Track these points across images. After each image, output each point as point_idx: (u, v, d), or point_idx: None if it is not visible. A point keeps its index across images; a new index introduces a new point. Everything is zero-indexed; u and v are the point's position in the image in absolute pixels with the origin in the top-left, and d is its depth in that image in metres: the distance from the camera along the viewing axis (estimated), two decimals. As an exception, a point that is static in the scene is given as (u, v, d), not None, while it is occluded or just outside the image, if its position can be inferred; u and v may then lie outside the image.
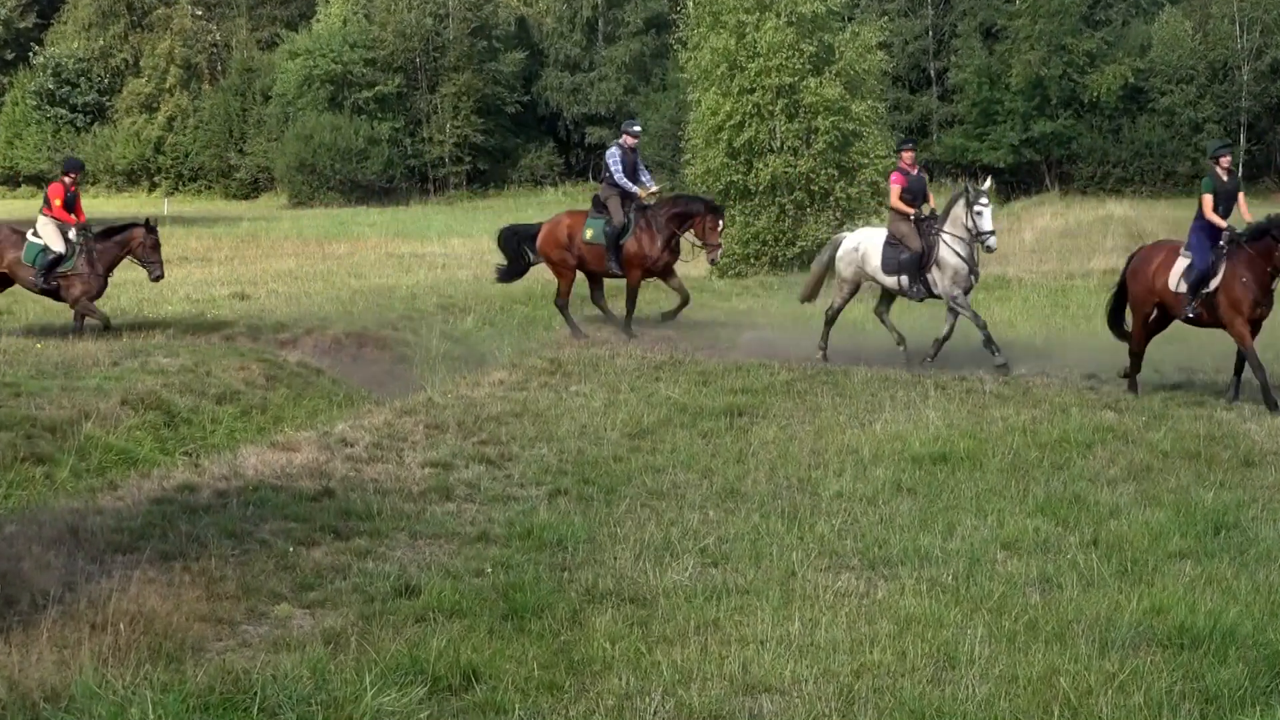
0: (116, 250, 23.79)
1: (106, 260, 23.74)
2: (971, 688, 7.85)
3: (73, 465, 14.67)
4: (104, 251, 23.66)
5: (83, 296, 23.38)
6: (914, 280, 21.12)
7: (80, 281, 23.39)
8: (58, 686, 7.70)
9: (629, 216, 23.63)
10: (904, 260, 21.11)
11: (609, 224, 23.64)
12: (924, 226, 21.19)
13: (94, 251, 23.56)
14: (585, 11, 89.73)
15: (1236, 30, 75.05)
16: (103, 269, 23.67)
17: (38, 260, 23.34)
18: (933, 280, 20.99)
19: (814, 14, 39.37)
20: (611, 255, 23.48)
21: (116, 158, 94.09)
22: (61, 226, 23.52)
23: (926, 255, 20.95)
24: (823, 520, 11.50)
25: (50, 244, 23.37)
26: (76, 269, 23.39)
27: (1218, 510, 11.60)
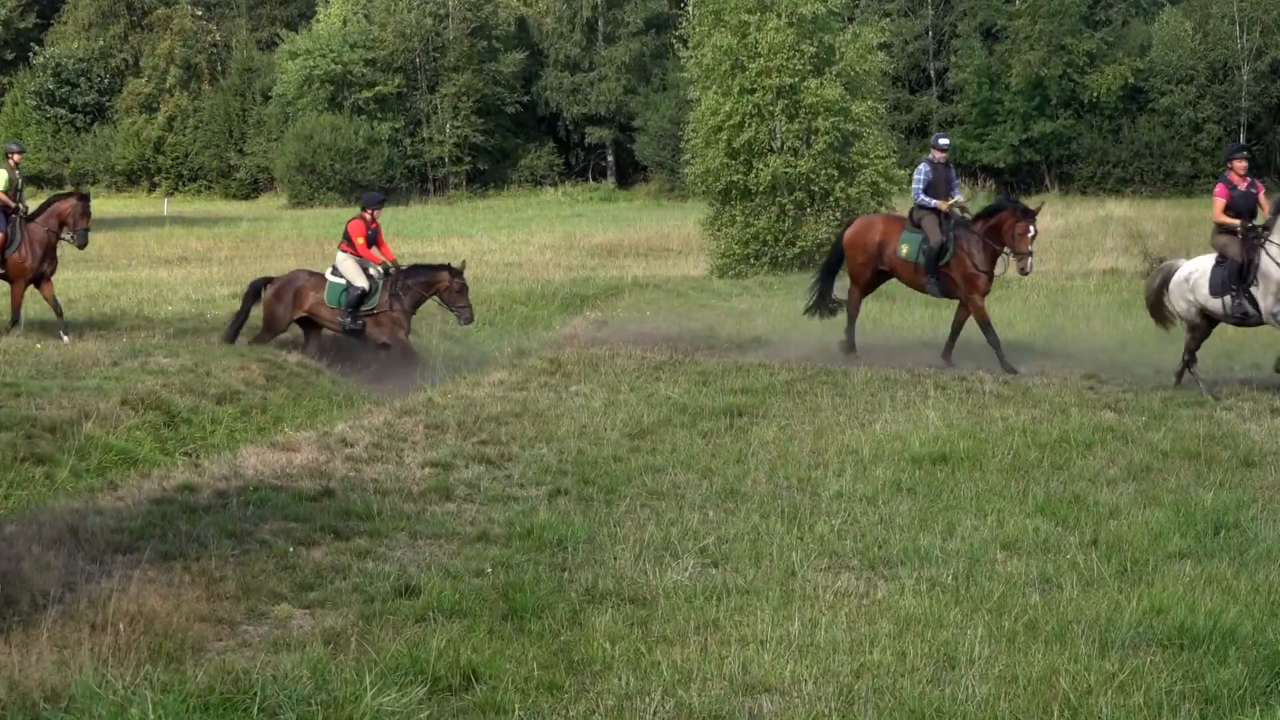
0: (421, 290, 22.96)
1: (411, 299, 22.90)
2: (971, 688, 7.85)
3: (73, 465, 14.66)
4: (409, 289, 22.83)
5: (391, 335, 22.63)
6: (1236, 296, 18.75)
7: (388, 320, 22.61)
8: (58, 686, 7.70)
9: (947, 235, 21.53)
10: (1225, 275, 18.88)
11: (926, 242, 21.66)
12: (1249, 237, 18.80)
13: (400, 288, 22.75)
14: (585, 12, 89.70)
15: (1236, 30, 75.04)
16: (408, 306, 22.93)
17: (341, 300, 22.56)
18: (1256, 296, 18.62)
19: (814, 15, 39.37)
20: (930, 278, 21.67)
21: (116, 158, 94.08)
22: (362, 263, 22.70)
23: (1247, 267, 18.64)
24: (823, 520, 11.50)
25: (352, 280, 22.56)
26: (381, 307, 22.59)
27: (1217, 510, 11.60)
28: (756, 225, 39.41)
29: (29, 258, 23.35)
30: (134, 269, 39.59)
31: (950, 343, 21.46)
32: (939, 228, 21.54)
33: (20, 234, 23.29)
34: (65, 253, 24.78)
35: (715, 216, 41.12)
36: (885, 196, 40.44)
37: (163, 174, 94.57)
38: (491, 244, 47.73)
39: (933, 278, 21.58)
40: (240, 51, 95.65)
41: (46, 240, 23.58)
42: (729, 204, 40.41)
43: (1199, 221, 19.10)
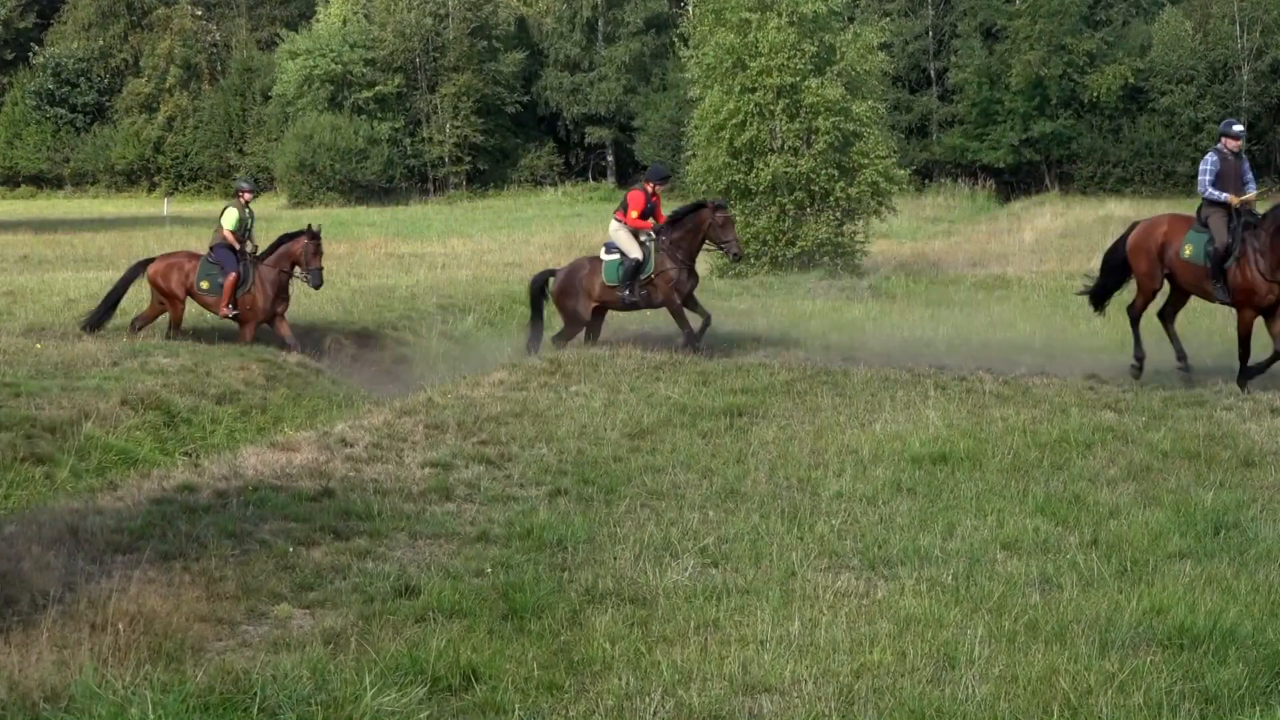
0: (691, 238, 22.74)
1: (685, 248, 22.74)
2: (971, 688, 7.85)
3: (72, 465, 14.68)
4: (678, 241, 22.66)
5: (673, 295, 22.46)
6: None
7: (663, 280, 22.48)
8: (58, 686, 7.70)
9: (1234, 236, 19.32)
10: None
11: (1211, 243, 19.52)
12: None
13: (669, 245, 22.60)
14: (585, 12, 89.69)
15: (1237, 30, 75.03)
16: (683, 258, 22.72)
17: (619, 275, 22.53)
18: None
19: (815, 14, 39.37)
20: (1218, 282, 19.42)
21: (116, 158, 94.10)
22: (634, 233, 22.56)
23: None
24: (822, 520, 11.51)
25: (627, 252, 22.51)
26: (659, 269, 22.43)
27: (1217, 510, 11.60)
28: (757, 225, 39.38)
29: (261, 298, 23.31)
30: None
31: (1245, 364, 19.23)
32: (1226, 227, 19.39)
33: (252, 274, 23.24)
34: (66, 253, 24.72)
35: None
36: (885, 196, 40.45)
37: (162, 174, 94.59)
38: (491, 244, 47.67)
39: (1219, 283, 19.33)
40: (240, 51, 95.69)
41: (278, 280, 23.48)
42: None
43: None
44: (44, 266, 36.22)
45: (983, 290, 30.32)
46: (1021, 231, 49.97)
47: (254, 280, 23.28)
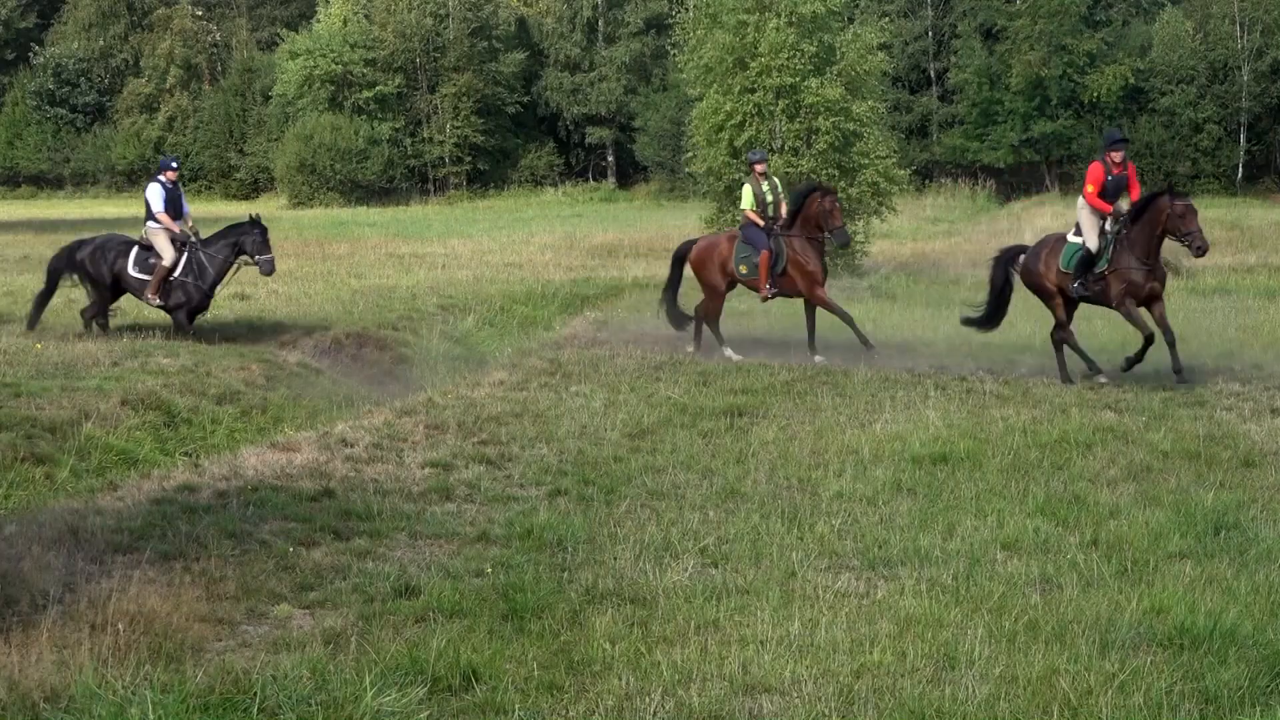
0: (1147, 231, 19.51)
1: (1142, 243, 19.49)
2: (971, 688, 7.85)
3: (73, 465, 14.66)
4: (1134, 238, 19.50)
5: (1126, 297, 19.46)
6: None
7: (1116, 279, 19.49)
8: (58, 687, 7.70)
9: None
10: None
11: None
12: None
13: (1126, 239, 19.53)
14: (585, 12, 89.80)
15: (1237, 30, 75.07)
16: (1140, 255, 19.49)
17: (1073, 263, 19.93)
18: None
19: (814, 14, 39.36)
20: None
21: (116, 158, 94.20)
22: (1098, 215, 19.83)
23: None
24: (823, 520, 11.51)
25: (1085, 238, 19.90)
26: (1114, 265, 19.47)
27: (1217, 510, 11.60)
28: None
29: (811, 264, 22.41)
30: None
31: None
32: None
33: (782, 248, 22.47)
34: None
35: (718, 215, 41.10)
36: (886, 197, 40.45)
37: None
38: (491, 244, 47.63)
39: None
40: (240, 51, 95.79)
41: (812, 245, 22.54)
42: (733, 203, 40.36)
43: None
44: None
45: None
46: (1022, 232, 49.82)
47: (785, 253, 22.54)
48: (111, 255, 23.07)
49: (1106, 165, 19.97)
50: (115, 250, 23.14)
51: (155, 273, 22.57)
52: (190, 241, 22.85)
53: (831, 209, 21.95)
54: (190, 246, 22.80)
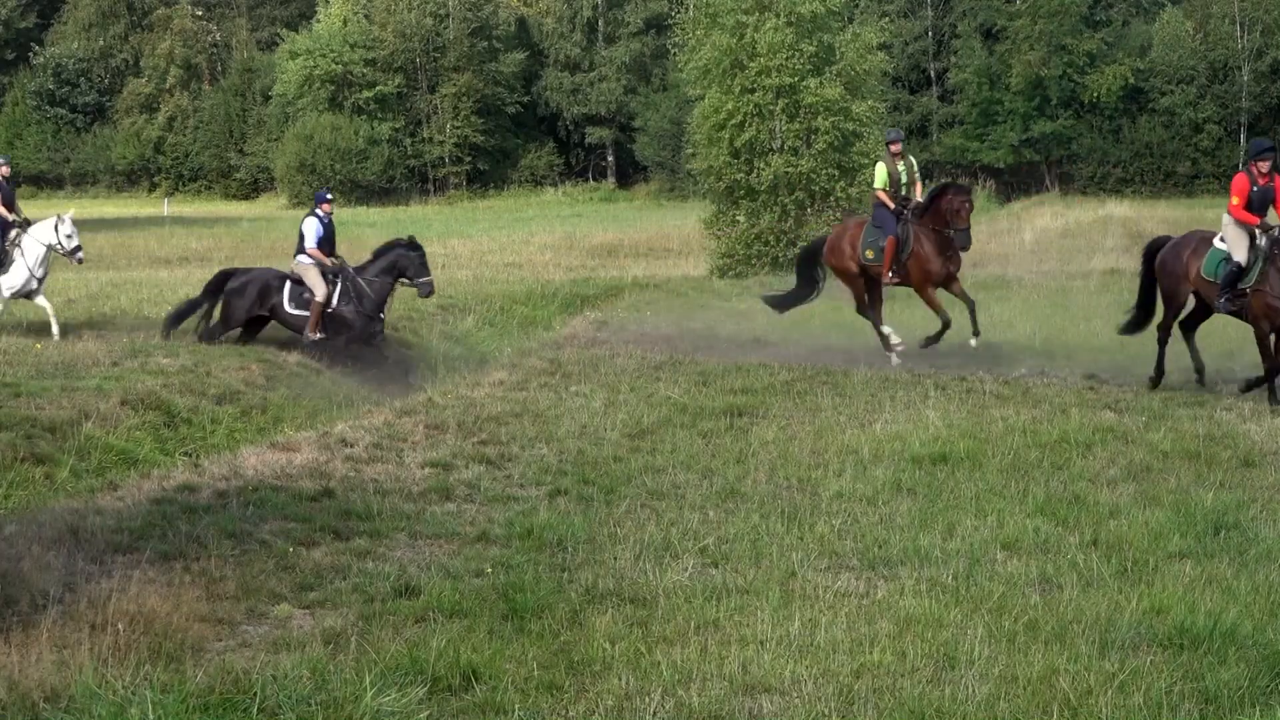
0: None
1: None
2: (971, 688, 7.85)
3: (73, 465, 14.67)
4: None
5: (1264, 319, 18.25)
6: None
7: (1258, 300, 18.19)
8: (58, 686, 7.70)
9: None
10: None
11: None
12: None
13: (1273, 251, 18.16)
14: (585, 12, 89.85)
15: (1237, 30, 75.08)
16: None
17: (1218, 272, 18.69)
18: None
19: (813, 14, 39.38)
20: None
21: (116, 158, 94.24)
22: (1247, 229, 18.37)
23: None
24: (823, 520, 11.50)
25: (1231, 251, 18.53)
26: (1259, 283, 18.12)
27: (1217, 510, 11.59)
28: (759, 225, 39.42)
29: (929, 260, 22.07)
30: (134, 269, 39.59)
31: None
32: None
33: (910, 235, 22.16)
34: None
35: (717, 215, 41.15)
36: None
37: (163, 174, 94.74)
38: (491, 244, 47.69)
39: None
40: (240, 51, 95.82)
41: (935, 239, 22.18)
42: (733, 203, 40.41)
43: (1199, 222, 19.02)
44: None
45: (983, 290, 30.20)
46: (1021, 232, 49.96)
47: (912, 240, 22.27)
48: (262, 292, 22.92)
49: (1251, 176, 18.44)
50: (269, 287, 22.97)
51: (311, 309, 22.44)
52: (343, 269, 22.79)
53: (959, 208, 21.60)
54: (343, 274, 22.71)
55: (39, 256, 23.27)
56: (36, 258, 23.22)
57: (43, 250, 23.34)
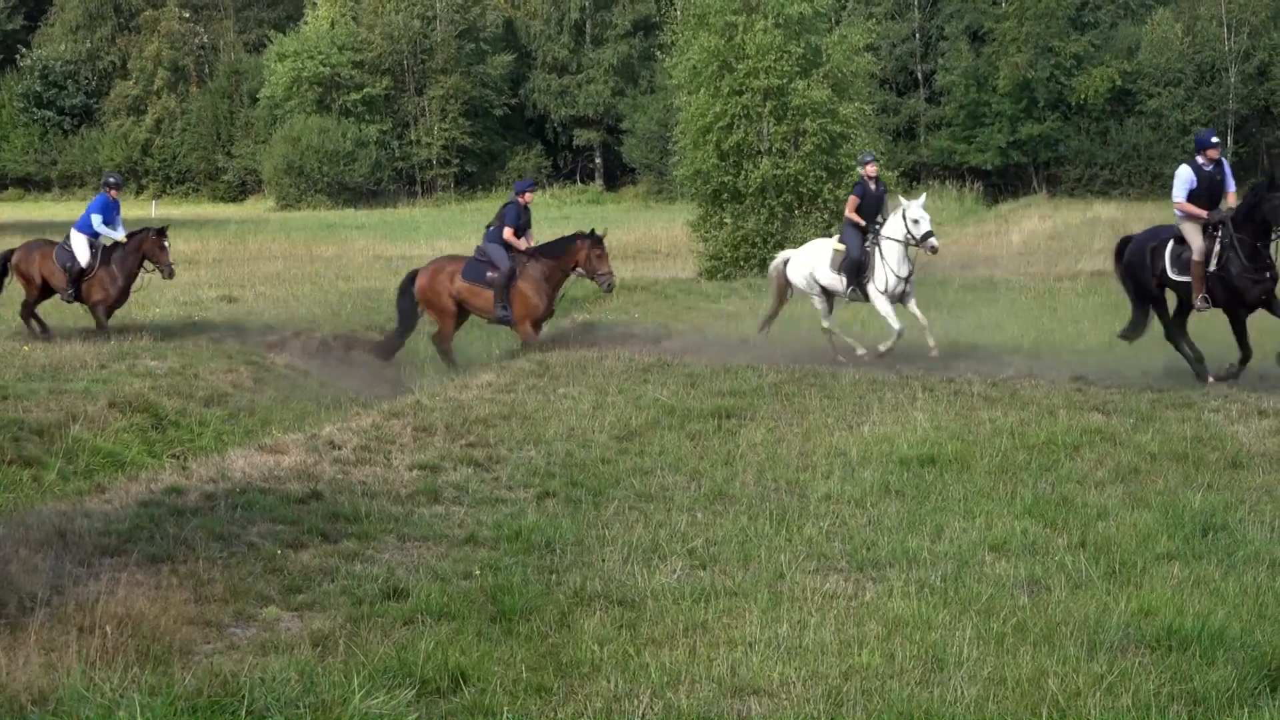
0: None
1: None
2: (960, 689, 7.86)
3: (60, 468, 14.65)
4: None
5: None
6: None
7: None
8: (45, 689, 7.69)
9: None
10: None
11: None
12: None
13: None
14: (573, 14, 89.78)
15: (1224, 32, 75.18)
16: None
17: None
18: None
19: (800, 16, 39.38)
20: None
21: (104, 160, 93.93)
22: None
23: None
24: (811, 522, 11.51)
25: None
26: None
27: (1205, 512, 11.60)
28: (746, 227, 39.42)
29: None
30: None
31: None
32: None
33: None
34: None
35: (704, 218, 41.14)
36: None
37: (150, 176, 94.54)
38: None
39: None
40: (228, 54, 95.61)
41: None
42: (719, 205, 40.40)
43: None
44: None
45: (970, 292, 30.32)
46: (1009, 234, 50.02)
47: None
48: None
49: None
50: None
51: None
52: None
53: None
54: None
55: (899, 255, 22.32)
56: (897, 257, 22.30)
57: (899, 248, 22.37)
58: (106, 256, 24.19)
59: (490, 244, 23.29)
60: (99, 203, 24.75)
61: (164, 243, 24.25)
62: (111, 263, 24.15)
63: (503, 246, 23.09)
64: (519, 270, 23.01)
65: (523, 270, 23.04)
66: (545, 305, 23.20)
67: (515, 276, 22.93)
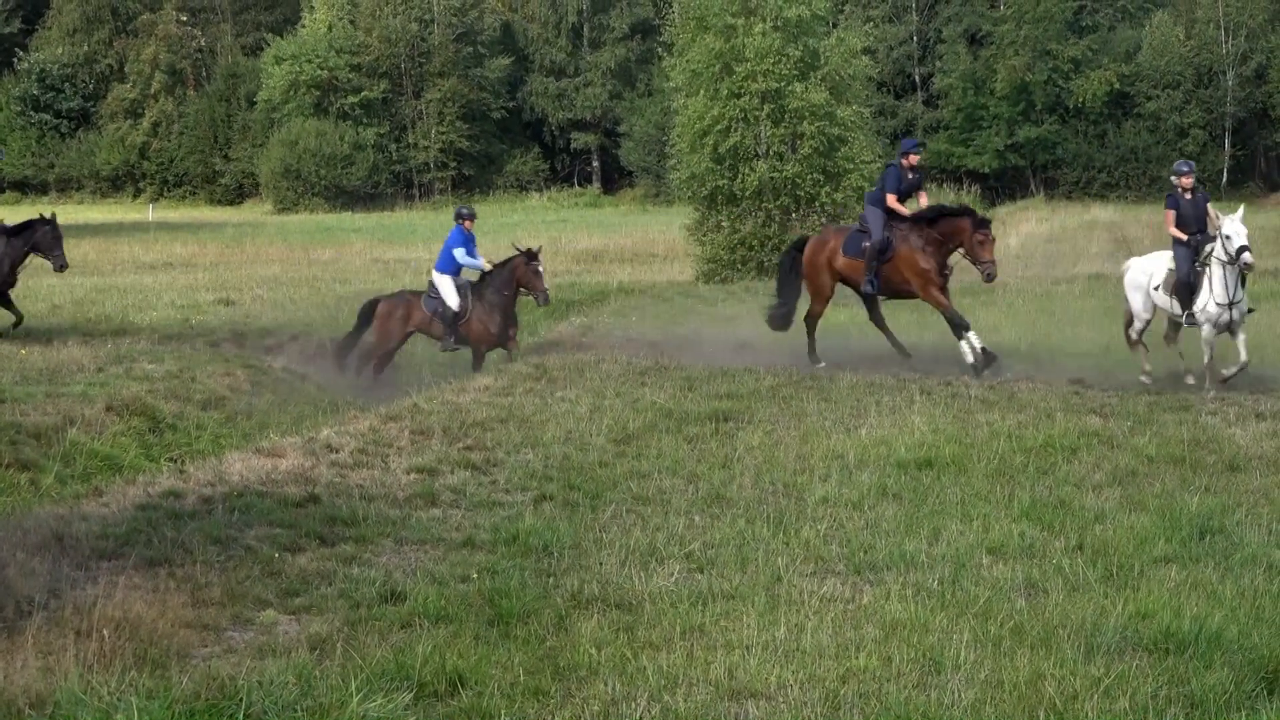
0: None
1: None
2: (957, 693, 7.85)
3: (58, 471, 14.64)
4: None
5: None
6: None
7: None
8: (43, 693, 7.68)
9: None
10: None
11: None
12: None
13: None
14: (570, 17, 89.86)
15: (1222, 35, 75.25)
16: None
17: None
18: None
19: (799, 19, 39.41)
20: None
21: (101, 164, 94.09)
22: None
23: None
24: (808, 525, 11.50)
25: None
26: None
27: (1202, 515, 11.61)
28: (743, 230, 39.44)
29: None
30: (119, 275, 39.56)
31: None
32: None
33: None
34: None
35: (701, 221, 41.15)
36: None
37: (147, 180, 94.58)
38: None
39: None
40: (225, 57, 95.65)
41: None
42: (715, 209, 40.41)
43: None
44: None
45: (968, 296, 30.25)
46: (1007, 237, 49.99)
47: None
48: None
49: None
50: None
51: None
52: None
53: None
54: None
55: (1222, 277, 19.49)
56: (1225, 282, 19.45)
57: (1221, 269, 19.48)
58: None
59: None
60: (456, 237, 23.43)
61: None
62: None
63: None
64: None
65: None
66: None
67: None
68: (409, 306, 22.98)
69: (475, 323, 22.72)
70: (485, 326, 22.72)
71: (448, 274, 22.85)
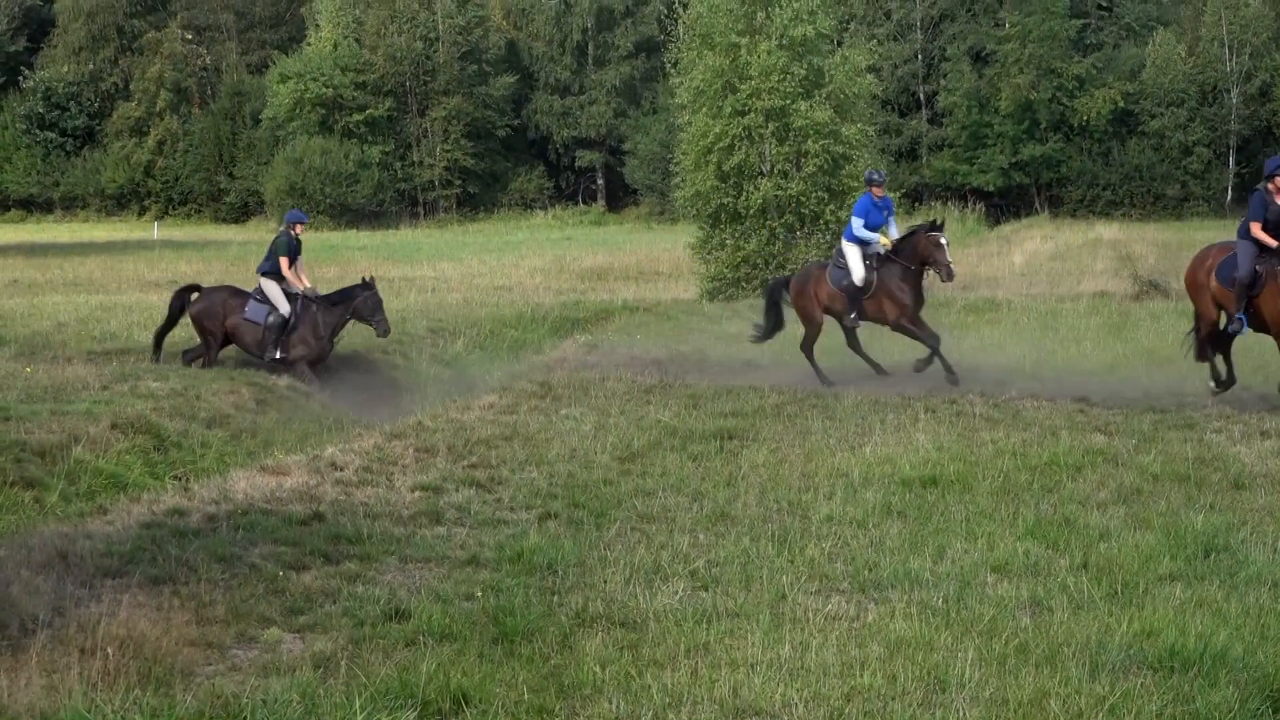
0: None
1: None
2: (962, 711, 7.85)
3: (62, 489, 14.64)
4: None
5: None
6: None
7: None
8: (47, 711, 7.69)
9: None
10: None
11: None
12: None
13: None
14: (575, 35, 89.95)
15: (1226, 53, 75.31)
16: None
17: None
18: None
19: (804, 37, 39.43)
20: None
21: (106, 182, 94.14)
22: None
23: None
24: (813, 543, 11.50)
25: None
26: None
27: (1208, 533, 11.59)
28: (747, 248, 39.44)
29: None
30: (124, 293, 39.52)
31: None
32: None
33: None
34: (55, 278, 24.68)
35: (705, 239, 41.15)
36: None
37: (152, 198, 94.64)
38: (481, 267, 47.74)
39: None
40: (230, 75, 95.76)
41: None
42: (719, 227, 40.41)
43: (1189, 244, 19.14)
44: (34, 291, 36.22)
45: (973, 313, 30.31)
46: (1011, 255, 50.05)
47: None
48: None
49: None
50: None
51: None
52: None
53: None
54: None
55: None
56: None
57: None
58: None
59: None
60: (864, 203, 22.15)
61: None
62: None
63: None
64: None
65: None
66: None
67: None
68: (816, 282, 22.77)
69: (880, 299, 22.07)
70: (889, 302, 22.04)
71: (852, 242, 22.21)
